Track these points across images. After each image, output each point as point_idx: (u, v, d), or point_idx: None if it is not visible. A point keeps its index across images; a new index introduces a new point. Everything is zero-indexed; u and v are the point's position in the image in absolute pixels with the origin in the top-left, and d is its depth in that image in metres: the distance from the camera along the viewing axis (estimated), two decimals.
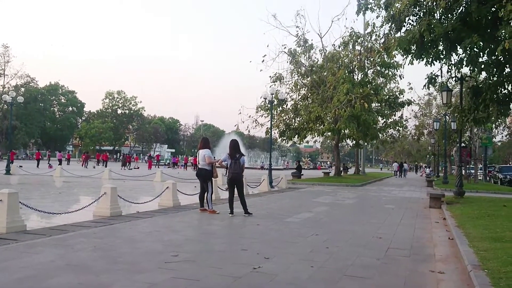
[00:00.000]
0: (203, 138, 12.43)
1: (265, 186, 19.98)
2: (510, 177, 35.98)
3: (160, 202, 12.46)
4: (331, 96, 29.02)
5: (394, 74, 33.61)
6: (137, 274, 5.26)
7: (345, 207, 14.56)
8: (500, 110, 16.82)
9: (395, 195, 20.82)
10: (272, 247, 7.16)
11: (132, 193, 15.98)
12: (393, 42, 15.02)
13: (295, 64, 32.39)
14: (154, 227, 8.85)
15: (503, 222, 9.31)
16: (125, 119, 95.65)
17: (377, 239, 8.30)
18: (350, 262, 6.32)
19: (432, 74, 16.52)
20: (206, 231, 8.93)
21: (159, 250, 6.66)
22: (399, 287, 5.21)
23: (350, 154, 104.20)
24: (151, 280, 5.03)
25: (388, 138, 43.01)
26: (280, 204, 14.55)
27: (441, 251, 7.44)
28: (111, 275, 5.20)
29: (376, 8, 16.45)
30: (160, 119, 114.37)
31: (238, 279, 5.20)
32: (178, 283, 4.99)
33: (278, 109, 32.48)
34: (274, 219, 10.56)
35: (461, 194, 17.21)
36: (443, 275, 5.79)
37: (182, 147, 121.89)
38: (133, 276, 5.18)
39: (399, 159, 67.93)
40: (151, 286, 4.84)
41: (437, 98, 44.09)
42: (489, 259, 5.85)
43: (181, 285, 4.94)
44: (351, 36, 31.60)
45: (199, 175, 11.63)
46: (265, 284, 5.07)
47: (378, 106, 35.69)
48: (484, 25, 14.16)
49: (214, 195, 13.05)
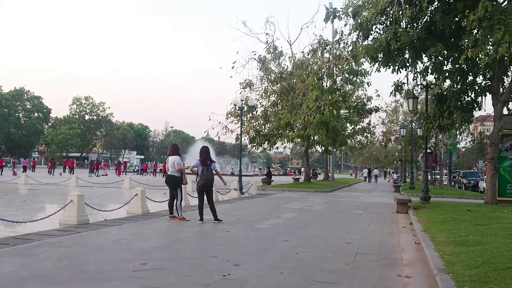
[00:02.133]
0: (172, 145, 12.34)
1: (235, 192, 19.95)
2: (474, 182, 37.00)
3: (129, 209, 12.28)
4: (300, 103, 29.25)
5: (362, 81, 34.17)
6: (104, 283, 5.17)
7: (315, 212, 14.67)
8: (464, 117, 17.33)
9: (364, 201, 21.09)
10: (242, 254, 7.15)
11: (100, 201, 15.71)
12: (360, 50, 15.30)
13: (265, 71, 32.57)
14: (123, 235, 8.73)
15: (467, 226, 9.53)
16: (93, 125, 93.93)
17: (346, 245, 8.38)
18: (320, 267, 6.37)
19: (399, 82, 16.90)
20: (176, 239, 8.85)
21: (127, 258, 6.56)
22: None
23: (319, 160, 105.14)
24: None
25: (357, 144, 43.58)
26: (250, 210, 14.55)
27: (408, 255, 7.57)
28: (77, 285, 5.10)
29: (344, 16, 16.70)
30: (129, 125, 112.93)
31: (207, 287, 5.17)
32: None
33: (248, 116, 32.55)
34: (244, 226, 10.55)
35: (427, 199, 17.56)
36: (410, 279, 5.89)
37: (151, 154, 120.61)
38: (101, 286, 5.08)
39: (367, 165, 68.91)
40: None
41: (403, 105, 45.01)
42: (454, 263, 5.99)
43: None
44: (320, 44, 31.99)
45: (168, 181, 11.55)
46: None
47: (346, 113, 36.15)
48: (448, 35, 14.58)
49: (184, 202, 12.95)
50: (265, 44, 32.26)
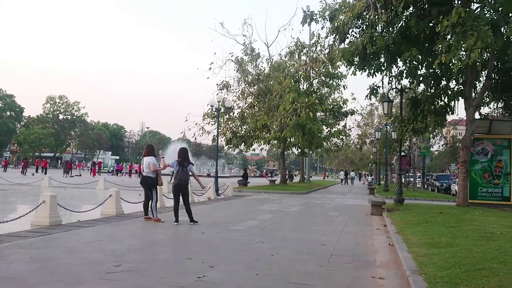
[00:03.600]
0: (148, 145, 12.26)
1: (211, 193, 19.88)
2: (446, 184, 37.70)
3: (103, 210, 12.12)
4: (277, 105, 29.35)
5: (338, 85, 34.53)
6: (76, 286, 5.08)
7: (290, 214, 14.72)
8: (437, 120, 17.64)
9: (339, 203, 21.26)
10: (217, 256, 7.12)
11: (73, 201, 15.45)
12: (337, 53, 15.44)
13: (242, 73, 32.58)
14: (96, 236, 8.60)
15: (440, 228, 9.69)
16: (67, 124, 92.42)
17: (321, 246, 8.43)
18: (295, 269, 6.39)
19: (374, 85, 17.09)
20: (150, 240, 8.77)
21: (100, 260, 6.47)
22: None
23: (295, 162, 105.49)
24: None
25: (332, 147, 43.91)
26: (226, 212, 14.52)
27: (382, 257, 7.66)
28: (49, 287, 5.00)
29: (321, 20, 16.83)
30: (104, 125, 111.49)
31: None
32: None
33: (225, 117, 32.49)
34: (219, 227, 10.52)
35: (401, 201, 17.78)
36: (383, 280, 5.96)
37: (127, 154, 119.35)
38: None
39: (342, 167, 69.55)
40: None
41: (378, 109, 45.52)
42: (427, 264, 6.08)
43: None
44: (297, 46, 32.18)
45: (143, 183, 11.45)
46: None
47: (322, 115, 36.39)
48: (423, 40, 14.84)
49: (159, 203, 12.86)
50: (243, 45, 32.31)
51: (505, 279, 4.94)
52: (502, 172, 16.71)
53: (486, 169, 16.76)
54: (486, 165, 16.76)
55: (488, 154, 16.73)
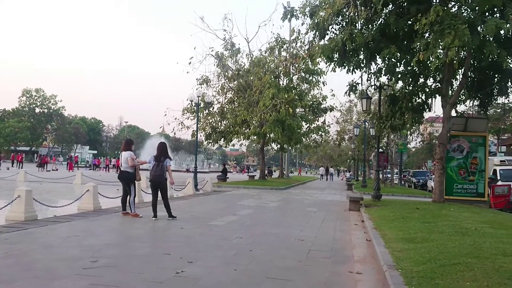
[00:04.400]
0: (126, 140, 12.14)
1: (190, 189, 19.80)
2: (423, 181, 38.26)
3: (80, 205, 11.95)
4: (257, 100, 29.35)
5: (317, 81, 34.67)
6: (52, 282, 5.02)
7: (269, 210, 14.76)
8: (415, 117, 17.86)
9: (317, 198, 21.39)
10: (196, 251, 7.10)
11: (49, 196, 15.22)
12: (317, 50, 15.48)
13: (222, 68, 32.48)
14: (73, 231, 8.49)
15: (416, 223, 9.83)
16: (43, 118, 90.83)
17: (299, 242, 8.48)
18: (273, 264, 6.41)
19: (353, 82, 17.19)
20: (128, 235, 8.70)
21: (77, 255, 6.39)
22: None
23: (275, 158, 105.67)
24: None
25: (311, 143, 44.13)
26: (205, 207, 14.49)
27: (359, 252, 7.74)
28: (24, 283, 4.92)
29: (301, 16, 16.85)
30: (82, 119, 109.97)
31: (160, 284, 5.11)
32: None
33: (204, 112, 32.39)
34: (198, 222, 10.49)
35: (379, 197, 17.99)
36: (360, 275, 6.03)
37: (105, 149, 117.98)
38: (48, 284, 4.93)
39: (321, 164, 70.05)
40: None
41: (357, 105, 45.87)
42: (403, 259, 6.16)
43: None
44: (277, 42, 32.20)
45: (121, 177, 11.34)
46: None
47: (302, 111, 36.52)
48: (401, 37, 14.99)
49: (137, 198, 12.76)
50: (223, 40, 32.23)
51: (479, 273, 5.04)
52: (477, 169, 17.00)
53: (462, 166, 17.03)
54: (461, 162, 17.03)
55: (464, 151, 17.01)
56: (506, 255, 5.99)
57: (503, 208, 16.84)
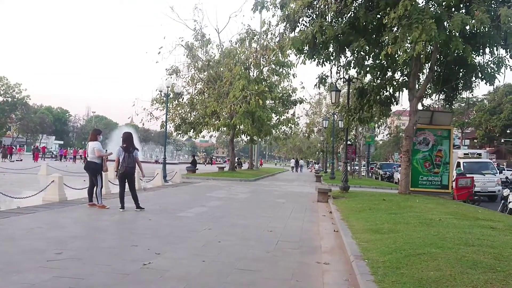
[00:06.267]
0: (93, 130, 11.91)
1: (158, 180, 19.63)
2: (389, 173, 38.98)
3: (45, 196, 11.70)
4: (227, 92, 29.24)
5: (288, 73, 34.77)
6: (14, 275, 4.89)
7: (239, 201, 14.77)
8: (382, 110, 18.13)
9: (286, 190, 21.53)
10: (163, 243, 7.05)
11: (13, 187, 14.84)
12: (287, 42, 15.48)
13: (192, 58, 32.16)
14: (37, 223, 8.30)
15: (382, 215, 9.99)
16: (7, 107, 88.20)
17: (268, 233, 8.52)
18: (242, 255, 6.42)
19: (323, 75, 17.27)
20: (95, 227, 8.57)
21: (41, 248, 6.25)
22: (287, 279, 5.37)
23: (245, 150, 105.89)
24: (29, 281, 4.71)
25: (281, 135, 44.28)
26: (174, 199, 14.39)
27: (327, 243, 7.82)
28: None
29: (272, 7, 16.79)
30: (48, 109, 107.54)
31: (126, 276, 5.05)
32: (60, 283, 4.72)
33: (174, 103, 32.03)
34: (166, 214, 10.41)
35: (346, 189, 18.21)
36: (328, 265, 6.10)
37: (71, 139, 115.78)
38: (10, 277, 4.81)
39: (291, 155, 70.52)
40: (30, 287, 4.53)
41: (326, 98, 46.27)
42: (370, 250, 6.26)
43: (64, 284, 4.67)
44: (248, 33, 32.07)
45: (88, 168, 11.13)
46: (155, 280, 4.98)
47: (272, 103, 36.57)
48: (371, 31, 15.12)
49: (104, 189, 12.57)
50: (193, 31, 31.87)
51: (442, 263, 5.15)
52: (442, 162, 17.37)
53: (427, 158, 17.37)
54: (427, 155, 17.37)
55: (429, 144, 17.34)
56: (468, 245, 6.15)
57: (465, 199, 17.34)
